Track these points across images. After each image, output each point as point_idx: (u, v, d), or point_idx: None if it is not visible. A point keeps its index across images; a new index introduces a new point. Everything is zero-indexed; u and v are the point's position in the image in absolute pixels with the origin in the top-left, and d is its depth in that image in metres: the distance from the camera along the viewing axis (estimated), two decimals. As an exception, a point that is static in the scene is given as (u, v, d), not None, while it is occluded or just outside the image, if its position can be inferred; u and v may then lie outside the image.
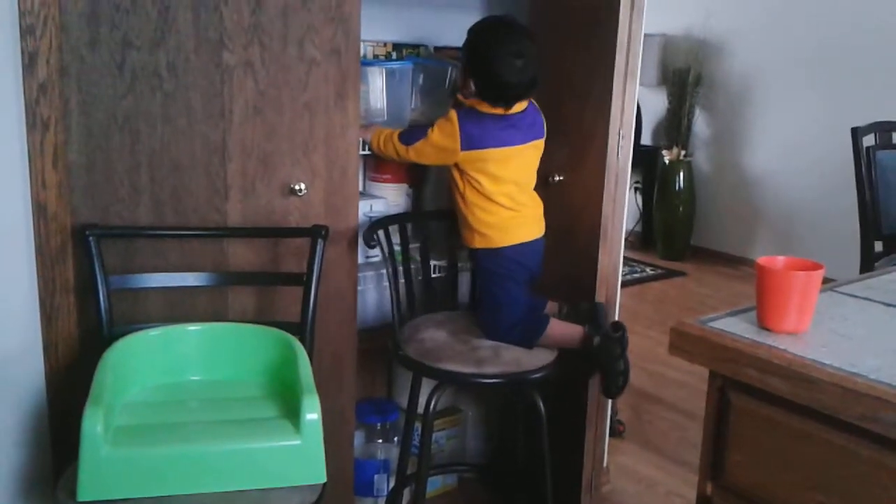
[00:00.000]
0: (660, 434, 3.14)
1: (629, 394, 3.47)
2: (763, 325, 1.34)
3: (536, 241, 2.18)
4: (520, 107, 2.10)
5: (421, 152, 2.12)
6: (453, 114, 2.08)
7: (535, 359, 2.10)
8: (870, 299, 1.52)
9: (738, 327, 1.35)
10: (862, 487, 1.16)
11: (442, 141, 2.08)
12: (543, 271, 2.24)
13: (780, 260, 1.36)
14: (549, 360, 2.11)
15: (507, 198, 2.12)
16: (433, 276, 2.42)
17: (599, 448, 2.58)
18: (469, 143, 2.05)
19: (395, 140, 2.14)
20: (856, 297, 1.53)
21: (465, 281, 2.50)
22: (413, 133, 2.14)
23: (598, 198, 2.29)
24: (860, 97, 4.75)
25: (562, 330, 2.15)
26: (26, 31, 1.64)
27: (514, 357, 2.09)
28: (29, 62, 1.65)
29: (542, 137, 2.17)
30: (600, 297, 2.35)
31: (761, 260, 1.34)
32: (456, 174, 2.13)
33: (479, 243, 2.15)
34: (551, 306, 2.26)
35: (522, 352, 2.11)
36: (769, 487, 1.29)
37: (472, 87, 2.08)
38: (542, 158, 2.23)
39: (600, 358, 2.10)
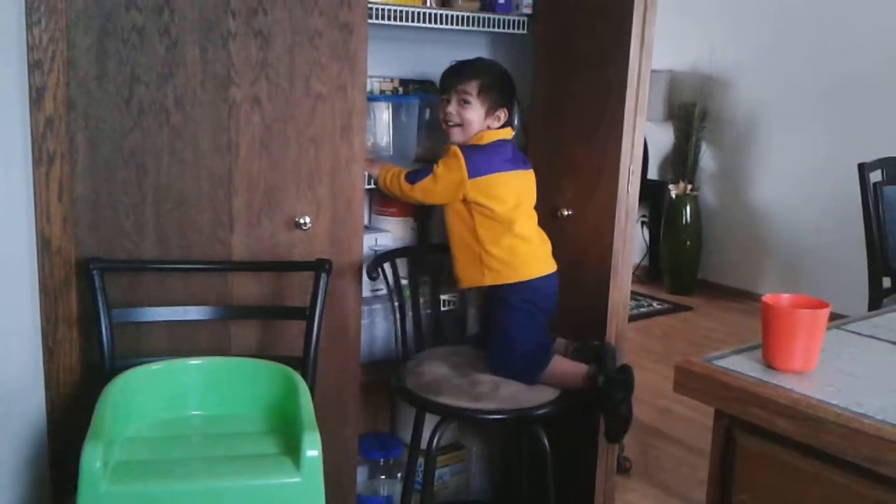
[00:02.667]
0: (667, 471, 3.10)
1: (636, 429, 3.43)
2: (769, 364, 1.32)
3: (549, 276, 2.17)
4: (509, 134, 2.21)
5: (426, 190, 2.12)
6: (456, 149, 2.10)
7: (539, 395, 2.08)
8: (876, 338, 1.50)
9: (743, 366, 1.33)
10: (870, 530, 1.14)
11: (448, 175, 2.09)
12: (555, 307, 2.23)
13: (786, 298, 1.35)
14: (553, 396, 2.09)
15: (519, 224, 2.12)
16: (442, 309, 2.41)
17: (610, 485, 2.54)
18: (476, 171, 2.08)
19: (401, 179, 2.14)
20: (862, 335, 1.52)
21: (472, 315, 2.49)
22: (419, 173, 2.14)
23: (608, 232, 2.29)
24: (866, 131, 4.76)
25: (565, 368, 2.12)
26: (34, 66, 1.65)
27: (516, 392, 2.07)
28: (36, 97, 1.67)
29: (529, 167, 2.23)
30: (610, 331, 2.34)
31: (767, 298, 1.33)
32: (463, 210, 2.13)
33: (488, 280, 2.14)
34: (559, 344, 2.23)
35: (525, 387, 2.09)
36: (776, 529, 1.27)
37: (504, 115, 2.17)
38: (550, 192, 2.28)
39: (602, 400, 2.06)
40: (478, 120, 2.15)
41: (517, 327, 2.14)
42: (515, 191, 2.13)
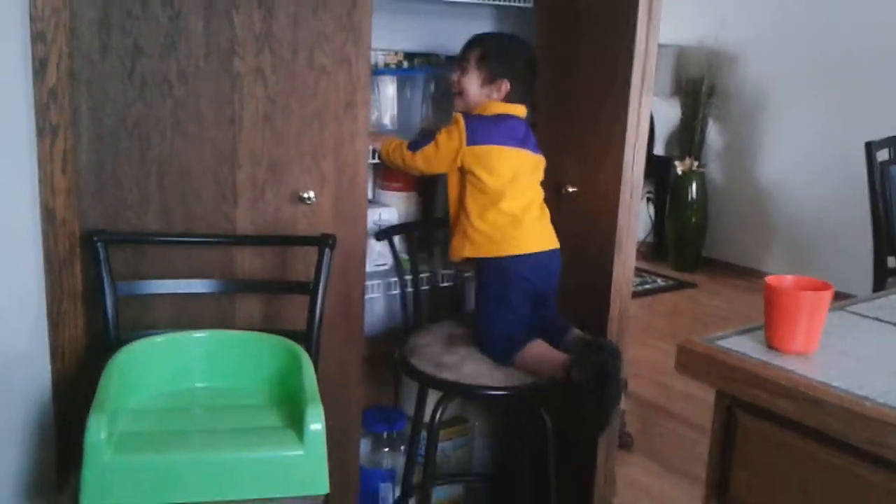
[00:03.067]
0: (669, 447, 3.12)
1: (638, 406, 3.45)
2: (771, 345, 1.33)
3: (543, 253, 2.14)
4: (522, 111, 2.17)
5: (427, 157, 2.12)
6: (459, 116, 2.11)
7: (503, 376, 2.06)
8: (880, 319, 1.50)
9: (745, 346, 1.33)
10: (869, 512, 1.15)
11: (448, 142, 2.10)
12: (558, 282, 2.21)
13: (789, 279, 1.35)
14: (516, 382, 2.07)
15: (508, 201, 2.09)
16: (441, 284, 2.42)
17: (611, 461, 2.56)
18: (474, 138, 2.08)
19: (403, 149, 2.14)
20: (866, 316, 1.51)
21: (471, 289, 2.49)
22: (420, 140, 2.15)
23: (613, 209, 2.28)
24: (874, 108, 4.72)
25: (543, 355, 2.02)
26: (37, 37, 1.64)
27: (479, 371, 2.06)
28: (39, 68, 1.66)
29: (539, 155, 2.19)
30: (614, 307, 2.33)
31: (770, 279, 1.32)
32: (457, 178, 2.14)
33: (469, 251, 2.13)
34: (572, 336, 2.12)
35: (492, 366, 2.07)
36: (775, 509, 1.27)
37: (505, 85, 2.14)
38: (555, 169, 2.26)
39: (572, 393, 1.90)
40: (474, 88, 2.15)
41: (489, 305, 2.12)
42: (512, 167, 2.11)
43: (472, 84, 2.16)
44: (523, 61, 2.19)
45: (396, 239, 2.32)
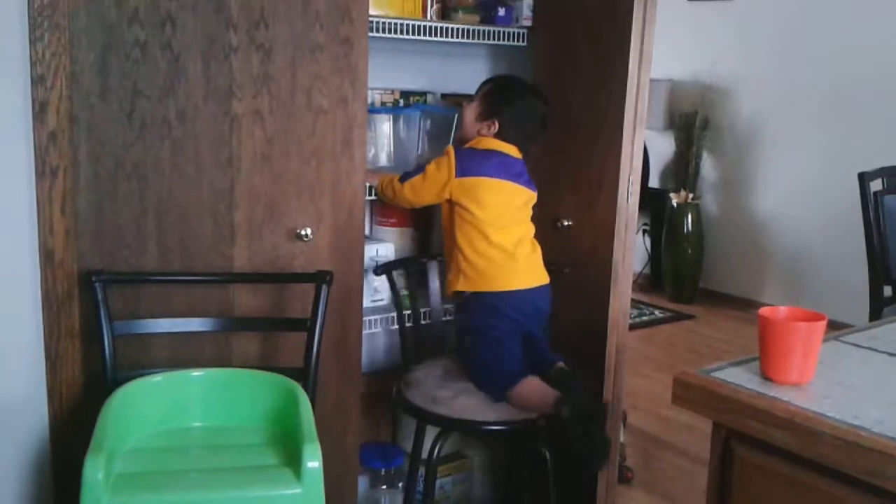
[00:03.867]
0: (668, 480, 3.10)
1: (637, 438, 3.43)
2: (766, 376, 1.33)
3: (533, 289, 2.15)
4: (515, 152, 2.19)
5: (415, 188, 2.14)
6: (450, 148, 2.15)
7: (496, 411, 2.06)
8: (874, 349, 1.51)
9: (741, 378, 1.34)
10: (867, 543, 1.15)
11: (437, 172, 2.12)
12: (552, 315, 2.23)
13: (783, 310, 1.36)
14: (508, 416, 2.06)
15: (498, 233, 2.11)
16: (444, 319, 2.42)
17: (611, 495, 2.54)
18: (463, 171, 2.10)
19: (394, 181, 2.17)
20: (860, 346, 1.52)
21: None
22: (411, 172, 2.18)
23: (609, 243, 2.30)
24: (867, 141, 4.76)
25: (533, 392, 2.03)
26: (37, 81, 1.67)
27: (471, 405, 2.06)
28: (39, 111, 1.68)
29: (533, 191, 2.21)
30: (611, 340, 2.33)
31: (763, 311, 1.33)
32: (448, 211, 2.16)
33: (462, 286, 2.14)
34: (557, 368, 2.14)
35: (484, 402, 2.07)
36: (774, 541, 1.27)
37: (495, 125, 2.17)
38: (550, 203, 2.31)
39: (569, 430, 1.93)
40: (469, 120, 2.20)
41: (479, 343, 2.13)
42: (502, 200, 2.13)
43: (469, 114, 2.20)
44: (527, 112, 2.19)
45: (395, 275, 2.33)
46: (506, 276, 2.12)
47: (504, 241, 2.12)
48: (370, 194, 2.22)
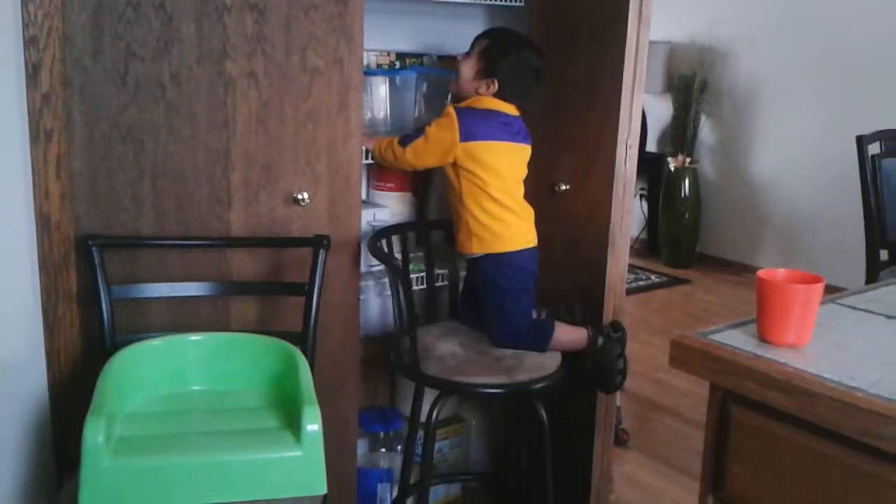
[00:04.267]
0: (664, 443, 3.13)
1: (633, 402, 3.46)
2: (763, 339, 1.34)
3: (532, 249, 2.19)
4: (514, 110, 2.17)
5: (418, 151, 2.11)
6: (451, 109, 2.12)
7: (537, 369, 2.09)
8: (871, 311, 1.51)
9: (738, 340, 1.34)
10: (862, 502, 1.16)
11: (440, 135, 2.09)
12: (550, 280, 2.27)
13: (781, 273, 1.36)
14: (552, 370, 2.11)
15: (506, 195, 2.13)
16: (436, 284, 2.42)
17: (607, 457, 2.57)
18: (468, 135, 2.08)
19: (394, 145, 2.15)
20: (857, 309, 1.53)
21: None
22: (410, 135, 2.15)
23: (606, 207, 2.29)
24: (865, 104, 4.74)
25: (569, 334, 2.19)
26: (29, 43, 1.64)
27: (512, 367, 2.08)
28: (32, 73, 1.66)
29: (528, 144, 2.21)
30: (608, 304, 2.35)
31: (761, 273, 1.33)
32: (452, 174, 2.14)
33: (476, 248, 2.15)
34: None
35: (523, 362, 2.10)
36: (769, 500, 1.28)
37: (495, 85, 2.14)
38: (548, 167, 2.32)
39: (601, 358, 2.18)
40: (467, 75, 2.17)
41: (515, 304, 2.15)
42: (508, 161, 2.14)
43: (466, 70, 2.17)
44: (525, 69, 2.17)
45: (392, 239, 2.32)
46: (517, 236, 2.16)
47: (511, 202, 2.14)
48: (367, 158, 2.21)
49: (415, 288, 2.39)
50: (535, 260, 2.20)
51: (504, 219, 2.13)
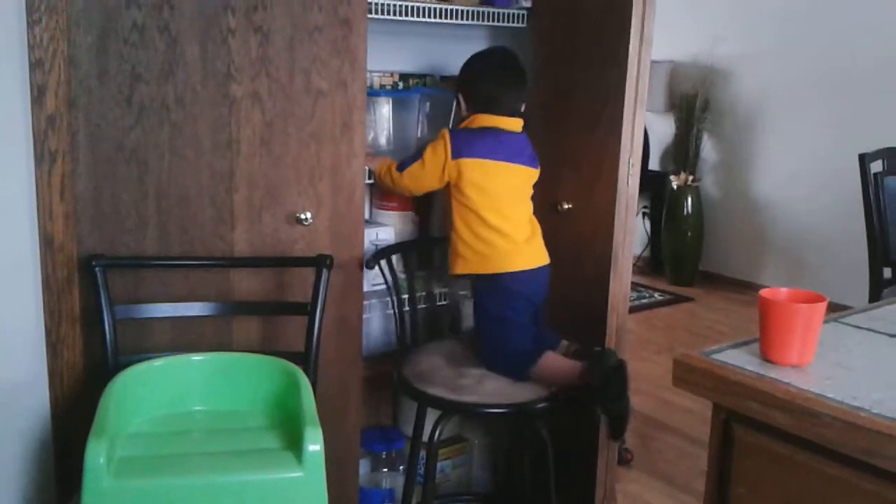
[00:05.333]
0: (668, 462, 3.12)
1: (637, 421, 3.44)
2: (766, 358, 1.33)
3: (535, 270, 2.15)
4: (512, 125, 2.15)
5: (414, 174, 2.13)
6: (444, 131, 2.13)
7: (524, 391, 2.08)
8: (874, 330, 1.51)
9: (741, 360, 1.34)
10: (866, 523, 1.15)
11: (434, 157, 2.10)
12: (552, 299, 2.23)
13: (784, 292, 1.36)
14: (538, 394, 2.08)
15: (497, 216, 2.10)
16: (438, 303, 2.42)
17: (611, 477, 2.56)
18: (458, 152, 2.09)
19: (392, 169, 2.16)
20: (860, 328, 1.52)
21: (469, 308, 2.50)
22: (408, 160, 2.16)
23: (609, 225, 2.30)
24: (868, 123, 4.75)
25: (558, 365, 2.07)
26: (35, 65, 1.66)
27: (500, 387, 2.07)
28: (38, 95, 1.67)
29: (534, 168, 2.20)
30: (611, 322, 2.34)
31: (764, 292, 1.33)
32: (448, 195, 2.16)
33: (460, 268, 2.15)
34: (562, 346, 2.19)
35: (510, 382, 2.08)
36: (774, 522, 1.28)
37: (465, 104, 2.19)
38: (550, 186, 2.30)
39: (600, 398, 2.02)
40: (459, 110, 2.22)
41: (492, 325, 2.13)
42: (499, 183, 2.11)
43: (458, 110, 2.23)
44: (485, 72, 2.17)
45: (394, 258, 2.33)
46: (505, 259, 2.11)
47: (502, 225, 2.11)
48: (370, 178, 2.22)
49: (420, 307, 2.39)
50: (533, 283, 2.15)
51: (491, 241, 2.10)
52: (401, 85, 2.46)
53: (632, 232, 2.36)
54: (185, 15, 1.81)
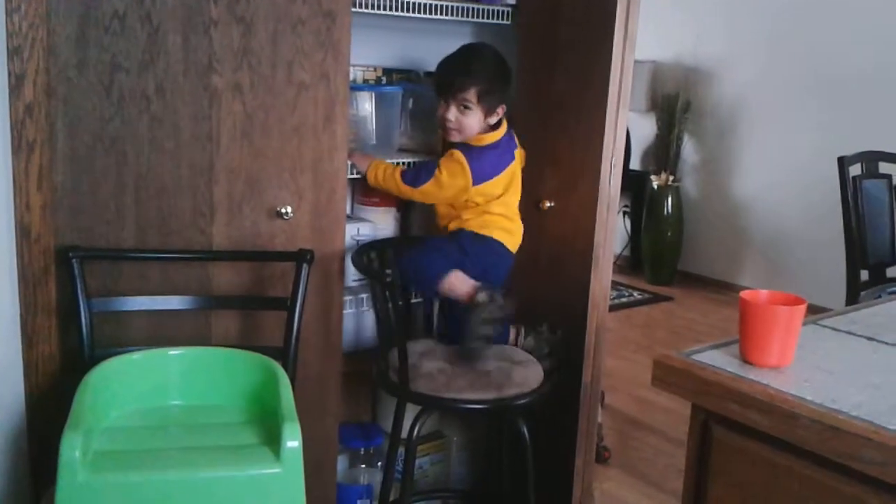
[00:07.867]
0: (645, 461, 3.13)
1: (615, 419, 3.46)
2: (746, 360, 1.34)
3: (504, 249, 2.21)
4: (503, 131, 2.22)
5: (428, 193, 2.16)
6: (459, 154, 2.13)
7: (524, 385, 2.09)
8: (852, 333, 1.52)
9: (720, 361, 1.35)
10: (842, 524, 1.16)
11: (453, 181, 2.13)
12: (534, 296, 2.28)
13: (763, 294, 1.37)
14: (534, 386, 2.10)
15: (501, 205, 2.20)
16: (412, 301, 2.42)
17: (589, 474, 2.56)
18: (480, 177, 2.14)
19: (397, 179, 2.16)
20: (838, 331, 1.53)
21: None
22: (418, 174, 2.16)
23: (590, 224, 2.30)
24: (848, 126, 4.79)
25: (461, 278, 2.09)
26: (13, 53, 1.63)
27: (498, 383, 2.08)
28: (15, 83, 1.65)
29: (518, 149, 2.27)
30: (591, 321, 2.34)
31: (744, 294, 1.34)
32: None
33: (453, 225, 2.20)
34: (513, 331, 2.28)
35: (511, 377, 2.09)
36: (751, 522, 1.28)
37: (502, 109, 2.20)
38: (533, 185, 2.34)
39: (470, 314, 2.04)
40: (477, 124, 2.17)
41: (433, 254, 2.14)
42: (509, 184, 2.21)
43: (476, 120, 2.15)
44: (507, 77, 2.22)
45: (372, 255, 2.32)
46: (497, 229, 2.19)
47: (505, 210, 2.21)
48: (352, 173, 2.20)
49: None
50: (501, 257, 2.21)
51: (492, 221, 2.19)
52: (384, 80, 2.45)
53: (613, 231, 2.37)
54: (166, 4, 1.79)
